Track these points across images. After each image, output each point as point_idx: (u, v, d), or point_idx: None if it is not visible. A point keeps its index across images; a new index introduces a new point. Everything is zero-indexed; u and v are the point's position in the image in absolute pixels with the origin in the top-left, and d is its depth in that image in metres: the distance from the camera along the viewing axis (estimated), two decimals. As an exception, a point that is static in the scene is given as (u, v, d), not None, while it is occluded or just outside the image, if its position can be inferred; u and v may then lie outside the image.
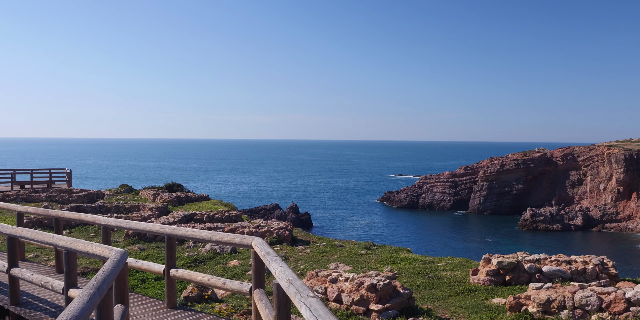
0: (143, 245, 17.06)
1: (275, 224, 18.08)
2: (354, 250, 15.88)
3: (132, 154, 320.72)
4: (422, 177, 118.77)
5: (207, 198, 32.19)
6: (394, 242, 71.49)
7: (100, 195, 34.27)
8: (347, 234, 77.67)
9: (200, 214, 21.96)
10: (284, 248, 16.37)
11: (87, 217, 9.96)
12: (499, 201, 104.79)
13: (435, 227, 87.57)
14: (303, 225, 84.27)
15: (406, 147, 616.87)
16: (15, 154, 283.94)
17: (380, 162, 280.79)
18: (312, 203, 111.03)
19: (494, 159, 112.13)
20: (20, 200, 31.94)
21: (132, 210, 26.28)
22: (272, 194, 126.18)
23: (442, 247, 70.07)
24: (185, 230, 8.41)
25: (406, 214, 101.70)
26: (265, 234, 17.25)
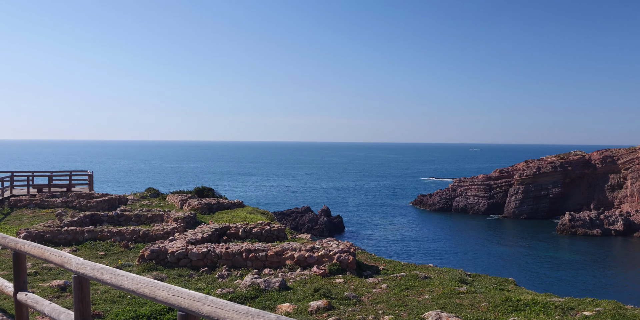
0: (162, 273, 13.05)
1: (334, 245, 13.89)
2: (447, 285, 11.65)
3: (165, 156, 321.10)
4: (455, 180, 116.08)
5: (241, 205, 28.18)
6: (431, 248, 67.36)
7: (123, 200, 30.60)
8: (381, 239, 74.02)
9: (235, 228, 17.92)
10: (350, 280, 12.18)
11: (55, 256, 5.94)
12: (536, 205, 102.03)
13: (470, 232, 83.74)
14: (335, 228, 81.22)
15: (436, 149, 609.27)
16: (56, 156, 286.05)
17: (412, 164, 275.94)
18: (343, 206, 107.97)
19: (530, 161, 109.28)
20: (34, 206, 28.41)
21: (154, 220, 22.39)
22: (303, 196, 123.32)
23: (480, 253, 65.59)
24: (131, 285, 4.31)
25: (440, 218, 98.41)
26: (322, 259, 13.10)
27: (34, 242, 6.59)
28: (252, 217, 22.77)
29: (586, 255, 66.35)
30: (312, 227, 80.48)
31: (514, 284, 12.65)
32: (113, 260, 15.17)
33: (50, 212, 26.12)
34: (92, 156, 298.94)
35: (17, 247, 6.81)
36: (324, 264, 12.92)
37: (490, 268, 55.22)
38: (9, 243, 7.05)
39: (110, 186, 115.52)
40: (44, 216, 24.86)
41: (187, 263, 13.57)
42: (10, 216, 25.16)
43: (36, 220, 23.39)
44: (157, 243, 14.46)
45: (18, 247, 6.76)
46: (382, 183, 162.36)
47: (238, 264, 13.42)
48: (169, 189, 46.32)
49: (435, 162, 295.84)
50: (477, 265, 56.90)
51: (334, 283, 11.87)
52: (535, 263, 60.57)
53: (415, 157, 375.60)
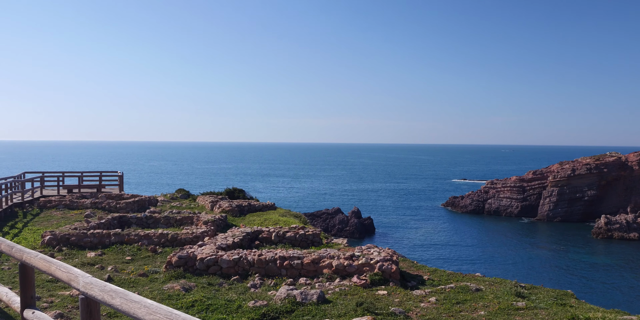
0: (190, 281, 12.16)
1: (374, 253, 12.82)
2: (503, 299, 10.52)
3: (195, 157, 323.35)
4: (488, 182, 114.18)
5: (272, 207, 27.26)
6: (467, 253, 65.72)
7: (153, 201, 29.99)
8: (413, 242, 72.60)
9: (268, 232, 16.98)
10: (394, 292, 11.12)
11: (61, 272, 5.03)
12: (570, 208, 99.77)
13: (505, 236, 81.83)
14: (365, 230, 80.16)
15: (467, 151, 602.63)
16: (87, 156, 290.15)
17: (442, 166, 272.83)
18: (373, 207, 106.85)
19: (564, 163, 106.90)
20: (63, 206, 27.94)
21: (184, 222, 21.60)
22: (333, 198, 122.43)
23: (521, 259, 63.77)
24: None
25: (472, 220, 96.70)
26: (362, 268, 12.05)
27: (41, 254, 5.70)
28: (284, 221, 21.83)
29: (622, 259, 64.16)
30: (342, 229, 79.46)
31: (575, 298, 11.44)
32: (139, 265, 14.37)
33: (79, 213, 25.60)
34: (123, 157, 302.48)
35: (24, 258, 5.94)
36: (364, 274, 11.87)
37: (536, 275, 53.37)
38: (15, 253, 6.18)
39: (141, 187, 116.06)
40: (73, 217, 24.32)
41: (217, 270, 12.66)
42: (39, 217, 24.70)
43: (64, 222, 22.83)
44: (186, 248, 13.61)
45: (24, 259, 5.90)
46: (413, 184, 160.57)
47: (272, 273, 12.47)
48: (199, 190, 45.73)
49: (466, 164, 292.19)
50: (520, 272, 55.08)
51: (377, 295, 10.84)
52: (582, 269, 58.49)
53: (446, 158, 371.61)
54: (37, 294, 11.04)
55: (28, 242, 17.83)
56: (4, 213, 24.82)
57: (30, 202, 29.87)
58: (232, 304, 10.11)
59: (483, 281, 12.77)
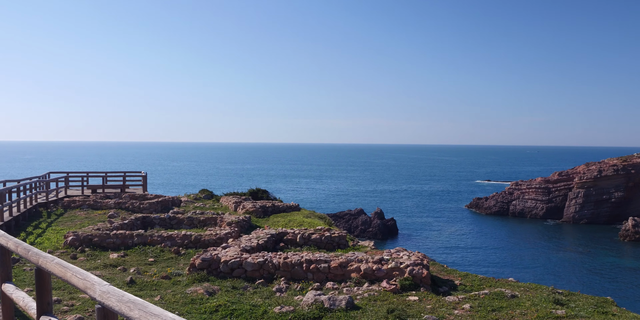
0: (214, 284, 11.82)
1: (404, 256, 12.35)
2: (541, 307, 9.99)
3: (218, 158, 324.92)
4: (512, 183, 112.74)
5: (296, 208, 26.89)
6: (491, 254, 64.71)
7: (176, 202, 29.83)
8: (438, 243, 71.76)
9: (293, 234, 16.60)
10: (426, 298, 10.65)
11: (77, 278, 4.69)
12: (597, 209, 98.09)
13: (529, 237, 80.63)
14: (389, 231, 79.55)
15: (491, 152, 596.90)
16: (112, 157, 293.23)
17: (466, 167, 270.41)
18: (396, 208, 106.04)
19: (590, 164, 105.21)
20: (87, 207, 27.90)
21: (207, 223, 21.33)
22: (356, 198, 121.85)
23: (544, 259, 62.59)
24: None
25: (496, 222, 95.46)
26: (392, 273, 11.59)
27: (57, 259, 5.37)
28: (309, 222, 21.44)
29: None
30: (365, 230, 78.95)
31: (616, 306, 10.87)
32: (162, 267, 14.09)
33: (103, 213, 25.52)
34: (146, 157, 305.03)
35: (40, 262, 5.62)
36: (394, 279, 11.42)
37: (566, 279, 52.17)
38: (31, 257, 5.87)
39: (164, 188, 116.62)
40: (96, 218, 24.23)
41: (241, 273, 12.31)
42: (63, 217, 24.66)
43: (87, 222, 22.72)
44: (209, 250, 13.28)
45: (40, 263, 5.58)
46: (436, 186, 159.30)
47: (297, 276, 12.07)
48: (222, 190, 45.54)
49: (490, 165, 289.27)
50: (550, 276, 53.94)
51: (407, 301, 10.38)
52: (614, 273, 57.13)
53: (470, 159, 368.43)
54: (58, 296, 10.79)
55: (51, 242, 17.69)
56: (28, 213, 24.81)
57: (55, 202, 29.90)
58: (257, 310, 9.74)
59: (517, 287, 12.24)
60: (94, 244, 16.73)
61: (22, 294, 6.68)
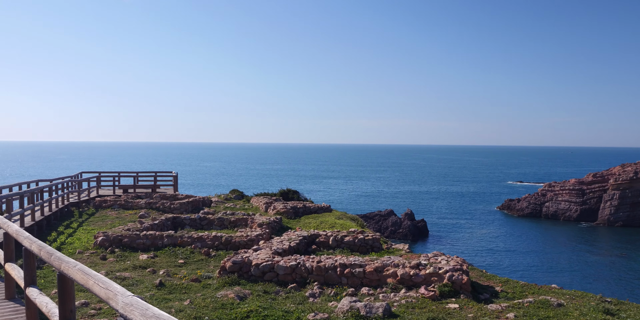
0: (245, 288, 11.45)
1: (442, 261, 11.81)
2: (590, 317, 9.37)
3: (248, 158, 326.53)
4: (545, 185, 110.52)
5: (328, 209, 26.46)
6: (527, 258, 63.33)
7: (207, 202, 29.67)
8: (469, 245, 70.58)
9: (325, 236, 16.16)
10: (466, 306, 10.11)
11: (99, 287, 4.32)
12: (633, 212, 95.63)
13: (564, 240, 78.70)
14: (419, 232, 78.65)
15: (523, 152, 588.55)
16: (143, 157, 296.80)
17: (498, 168, 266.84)
18: (427, 210, 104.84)
19: (626, 165, 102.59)
20: (118, 206, 27.89)
21: (238, 224, 21.02)
22: (386, 199, 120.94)
23: (583, 264, 61.02)
24: None
25: (529, 224, 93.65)
26: (430, 278, 11.07)
27: (80, 264, 5.02)
28: (341, 224, 20.98)
29: None
30: (395, 231, 78.23)
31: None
32: (192, 269, 13.78)
33: (134, 213, 25.44)
34: (177, 158, 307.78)
35: (62, 268, 5.28)
36: (433, 285, 10.90)
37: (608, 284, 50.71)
38: (54, 261, 5.53)
39: (194, 188, 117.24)
40: (127, 217, 24.14)
41: (273, 277, 11.92)
42: (94, 217, 24.64)
43: (118, 222, 22.63)
44: (240, 253, 12.92)
45: (62, 269, 5.23)
46: (467, 187, 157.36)
47: (331, 281, 11.63)
48: (252, 191, 45.37)
49: (522, 166, 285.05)
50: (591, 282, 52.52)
51: (447, 309, 9.86)
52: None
53: (502, 160, 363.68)
54: (86, 298, 10.53)
55: (81, 243, 17.57)
56: (60, 212, 24.85)
57: (87, 201, 29.99)
58: (290, 316, 9.33)
59: (562, 294, 11.61)
60: (124, 244, 16.53)
61: (46, 299, 6.36)
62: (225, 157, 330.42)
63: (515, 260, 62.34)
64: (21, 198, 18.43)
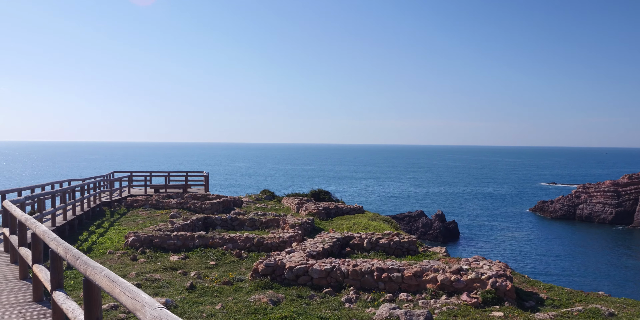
0: (278, 292, 11.07)
1: (484, 266, 11.26)
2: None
3: (279, 159, 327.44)
4: (579, 186, 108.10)
5: (360, 210, 25.98)
6: (563, 262, 61.84)
7: (237, 202, 29.44)
8: (502, 248, 69.28)
9: (359, 238, 15.71)
10: (512, 314, 9.54)
11: (126, 296, 3.93)
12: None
13: (599, 243, 76.73)
14: (450, 234, 77.64)
15: (557, 153, 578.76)
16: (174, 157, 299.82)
17: (530, 169, 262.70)
18: (457, 211, 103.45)
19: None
20: (149, 206, 27.83)
21: (269, 225, 20.69)
22: (416, 200, 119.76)
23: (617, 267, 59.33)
24: None
25: (563, 226, 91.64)
26: (472, 284, 10.54)
27: (106, 270, 4.66)
28: (374, 225, 20.49)
29: None
30: (425, 232, 77.34)
31: None
32: (224, 271, 13.45)
33: (165, 213, 25.32)
34: (208, 158, 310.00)
35: (87, 273, 4.93)
36: (475, 291, 10.37)
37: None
38: (79, 266, 5.19)
39: (224, 188, 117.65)
40: (158, 217, 24.01)
41: (307, 281, 11.51)
42: (125, 216, 24.58)
43: (149, 222, 22.49)
44: (273, 255, 12.55)
45: (88, 274, 4.89)
46: (499, 188, 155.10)
47: (368, 286, 11.17)
48: (282, 191, 45.01)
49: (556, 167, 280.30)
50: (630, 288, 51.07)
51: (492, 318, 9.32)
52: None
53: (534, 161, 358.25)
54: (115, 302, 10.25)
55: (112, 243, 17.41)
56: (92, 211, 24.84)
57: (118, 201, 30.01)
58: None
59: (612, 302, 10.97)
60: (155, 245, 16.31)
61: (72, 305, 6.04)
62: (255, 158, 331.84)
63: (551, 265, 60.93)
64: (53, 197, 18.35)
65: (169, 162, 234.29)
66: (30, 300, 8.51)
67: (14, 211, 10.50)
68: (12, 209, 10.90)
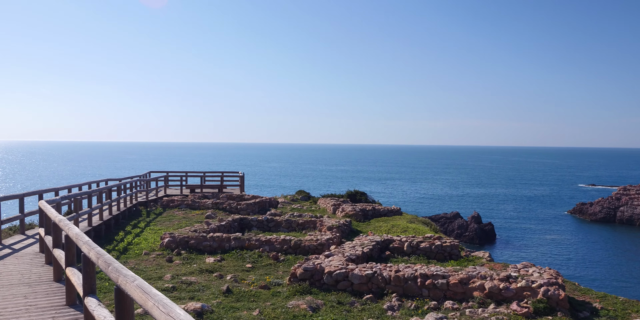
0: (317, 297, 10.66)
1: (534, 273, 10.66)
2: None
3: (313, 159, 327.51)
4: (620, 188, 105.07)
5: (398, 212, 25.42)
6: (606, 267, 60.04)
7: (273, 203, 29.17)
8: (540, 252, 67.68)
9: (400, 241, 15.20)
10: (567, 326, 8.97)
11: (159, 311, 3.54)
12: None
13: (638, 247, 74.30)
14: (486, 236, 76.33)
15: (597, 154, 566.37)
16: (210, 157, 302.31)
17: (570, 170, 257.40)
18: (493, 213, 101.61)
19: None
20: (185, 206, 27.75)
21: (306, 226, 20.31)
22: (451, 201, 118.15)
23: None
24: None
25: (602, 230, 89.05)
26: (522, 293, 9.96)
27: (139, 279, 4.30)
28: (414, 228, 19.93)
29: None
30: (461, 234, 76.17)
31: None
32: (261, 275, 13.09)
33: (201, 214, 25.17)
34: (243, 158, 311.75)
35: (119, 281, 4.58)
36: (525, 300, 9.79)
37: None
38: (111, 273, 4.85)
39: (258, 189, 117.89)
40: (194, 218, 23.86)
41: (347, 286, 11.07)
42: (161, 216, 24.50)
43: (185, 222, 22.34)
44: (312, 259, 12.15)
45: (119, 282, 4.54)
46: (536, 190, 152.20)
47: (411, 292, 10.68)
48: (317, 192, 44.72)
49: (595, 168, 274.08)
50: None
51: (545, 329, 8.75)
52: None
53: (573, 162, 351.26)
54: (151, 306, 9.96)
55: (148, 243, 17.25)
56: (128, 211, 24.84)
57: (154, 201, 30.03)
58: (368, 332, 8.45)
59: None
60: (191, 246, 16.06)
61: (104, 313, 5.72)
62: (288, 158, 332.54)
63: (595, 270, 59.21)
64: (90, 197, 18.29)
65: (204, 162, 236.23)
66: (63, 304, 8.28)
67: (49, 212, 10.32)
68: (47, 210, 10.73)
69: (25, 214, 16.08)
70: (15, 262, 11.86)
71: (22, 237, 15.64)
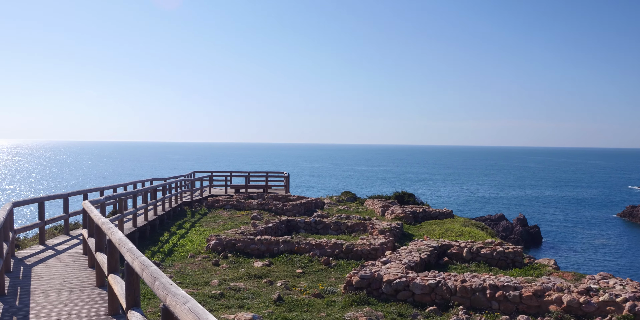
0: (376, 308, 9.86)
1: (616, 286, 9.64)
2: None
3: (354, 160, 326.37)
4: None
5: (450, 215, 24.39)
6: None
7: (319, 204, 28.47)
8: (589, 256, 65.28)
9: (458, 247, 14.28)
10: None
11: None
12: None
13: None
14: (531, 239, 74.34)
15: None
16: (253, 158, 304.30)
17: (619, 172, 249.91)
18: (539, 215, 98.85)
19: None
20: (230, 207, 27.30)
21: (355, 229, 19.49)
22: (496, 203, 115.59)
23: None
24: None
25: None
26: (605, 308, 8.97)
27: (192, 301, 3.57)
28: (469, 232, 18.92)
29: None
30: (506, 237, 74.30)
31: None
32: (312, 282, 12.36)
33: (246, 214, 24.65)
34: (287, 158, 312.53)
35: (167, 301, 3.87)
36: (609, 316, 8.80)
37: None
38: (158, 289, 4.14)
39: (301, 189, 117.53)
40: (239, 219, 23.34)
41: (407, 297, 10.23)
42: (206, 217, 24.07)
43: (230, 223, 21.83)
44: (368, 266, 11.36)
45: (167, 302, 3.82)
46: (584, 192, 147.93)
47: (479, 305, 9.78)
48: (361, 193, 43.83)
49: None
50: None
51: (639, 351, 7.78)
52: None
53: (622, 163, 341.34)
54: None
55: (194, 245, 16.74)
56: (173, 211, 24.49)
57: (199, 201, 29.69)
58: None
59: None
60: (238, 249, 15.46)
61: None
62: (331, 158, 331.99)
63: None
64: (134, 197, 17.89)
65: (248, 162, 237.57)
66: (105, 313, 7.68)
67: (92, 213, 9.79)
68: (90, 211, 10.22)
69: (70, 214, 15.76)
70: (57, 264, 11.44)
71: (66, 238, 15.30)
